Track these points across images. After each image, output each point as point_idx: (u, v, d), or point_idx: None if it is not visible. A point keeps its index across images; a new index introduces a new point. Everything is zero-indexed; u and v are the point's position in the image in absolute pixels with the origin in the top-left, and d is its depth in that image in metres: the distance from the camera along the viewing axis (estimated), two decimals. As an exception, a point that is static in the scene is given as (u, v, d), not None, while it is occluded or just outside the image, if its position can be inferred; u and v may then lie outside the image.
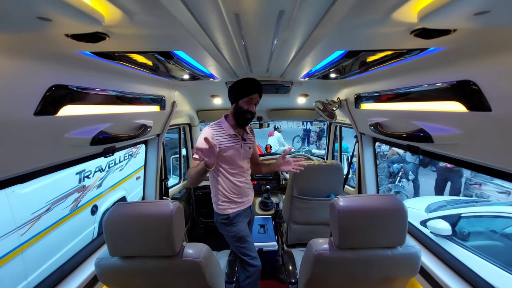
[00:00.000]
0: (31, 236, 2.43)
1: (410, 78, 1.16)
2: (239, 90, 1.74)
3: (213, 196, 1.88)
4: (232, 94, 1.78)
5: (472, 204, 3.66)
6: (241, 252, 1.90)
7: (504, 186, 5.05)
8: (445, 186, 5.75)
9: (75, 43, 0.72)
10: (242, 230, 1.89)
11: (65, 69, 0.92)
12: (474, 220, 3.06)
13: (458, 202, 3.80)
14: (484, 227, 3.00)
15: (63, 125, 0.98)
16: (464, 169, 6.20)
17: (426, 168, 6.96)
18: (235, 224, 1.86)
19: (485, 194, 5.36)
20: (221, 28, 0.79)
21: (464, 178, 5.70)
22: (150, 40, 0.80)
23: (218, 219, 1.88)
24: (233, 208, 1.85)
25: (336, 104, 2.17)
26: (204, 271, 1.11)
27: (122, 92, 1.31)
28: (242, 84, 1.72)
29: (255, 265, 1.90)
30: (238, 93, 1.74)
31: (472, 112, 0.86)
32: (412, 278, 1.27)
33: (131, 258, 1.12)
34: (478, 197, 5.39)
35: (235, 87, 1.75)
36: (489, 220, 3.02)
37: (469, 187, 5.76)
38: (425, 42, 0.77)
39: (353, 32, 0.75)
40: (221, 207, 1.84)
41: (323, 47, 0.92)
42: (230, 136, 1.76)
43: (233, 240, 1.90)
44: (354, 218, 1.13)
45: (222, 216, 1.85)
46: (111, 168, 3.71)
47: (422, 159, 6.04)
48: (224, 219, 1.85)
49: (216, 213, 1.89)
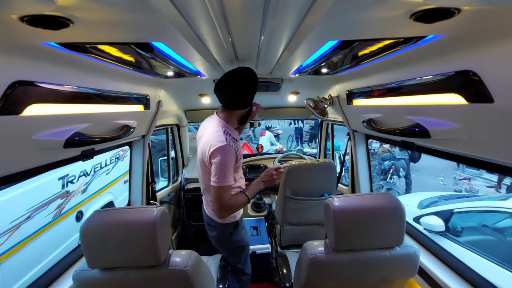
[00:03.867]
0: (10, 247, 2.29)
1: (404, 71, 1.12)
2: (255, 89, 1.48)
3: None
4: (252, 94, 1.49)
5: (463, 199, 3.70)
6: (241, 261, 1.77)
7: (493, 181, 5.16)
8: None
9: (35, 32, 0.63)
10: (246, 236, 1.78)
11: (30, 64, 0.82)
12: (466, 215, 3.09)
13: (450, 197, 3.83)
14: (476, 222, 3.02)
15: (30, 126, 0.88)
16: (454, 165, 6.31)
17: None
18: (241, 229, 1.72)
19: (474, 189, 5.46)
20: (203, 16, 0.72)
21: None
22: (123, 29, 0.72)
23: (226, 231, 1.64)
24: (239, 212, 1.69)
25: (328, 101, 2.12)
26: (192, 280, 1.04)
27: (101, 90, 1.21)
28: (256, 80, 1.44)
29: (249, 273, 1.84)
30: (254, 93, 1.50)
31: (472, 104, 0.81)
32: (410, 278, 1.22)
33: (113, 269, 1.04)
34: (468, 192, 5.49)
35: (255, 86, 1.46)
36: (481, 215, 3.04)
37: (459, 182, 5.87)
38: (424, 29, 0.72)
39: (347, 18, 0.69)
40: (231, 216, 1.59)
41: (315, 37, 0.86)
42: (238, 143, 1.53)
43: (238, 250, 1.74)
44: (350, 218, 1.08)
45: (231, 225, 1.63)
46: (96, 172, 3.57)
47: (411, 154, 6.10)
48: (233, 228, 1.65)
49: (219, 226, 1.63)
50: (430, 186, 6.39)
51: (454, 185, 6.18)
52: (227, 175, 1.36)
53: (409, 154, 6.08)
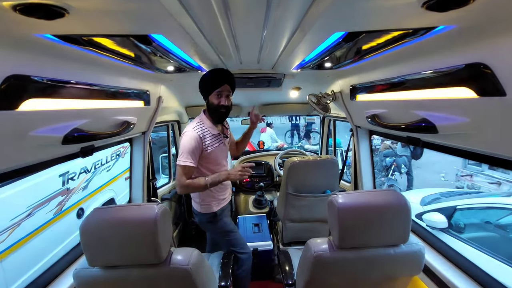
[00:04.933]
0: (11, 244, 2.28)
1: (411, 64, 1.08)
2: (206, 84, 1.63)
3: (195, 197, 1.81)
4: (201, 90, 1.68)
5: (466, 195, 3.68)
6: (231, 244, 1.88)
7: (494, 177, 5.12)
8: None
9: (29, 22, 0.60)
10: (229, 223, 1.89)
11: (26, 57, 0.79)
12: (468, 212, 3.07)
13: (452, 194, 3.81)
14: (479, 218, 3.00)
15: (26, 122, 0.86)
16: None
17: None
18: (221, 219, 1.84)
19: (476, 186, 5.43)
20: (204, 6, 0.69)
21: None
22: (120, 20, 0.69)
23: (203, 219, 1.83)
24: (218, 205, 1.82)
25: (330, 97, 2.09)
26: (194, 279, 1.03)
27: (100, 85, 1.18)
28: (207, 77, 1.61)
29: (247, 251, 1.91)
30: (206, 88, 1.64)
31: (483, 98, 0.78)
32: (415, 276, 1.21)
33: (113, 267, 1.02)
34: (470, 189, 5.46)
35: (201, 82, 1.65)
36: (484, 211, 3.03)
37: (460, 178, 5.83)
38: (434, 19, 0.69)
39: (355, 7, 0.65)
40: (206, 206, 1.79)
41: (320, 28, 0.83)
42: (214, 136, 1.69)
43: (221, 236, 1.89)
44: (355, 216, 1.06)
45: (208, 215, 1.80)
46: (97, 169, 3.55)
47: (413, 151, 6.07)
48: (210, 217, 1.81)
49: (199, 214, 1.83)
50: (431, 182, 6.37)
51: (456, 181, 6.16)
52: (184, 155, 1.54)
53: (411, 150, 6.05)
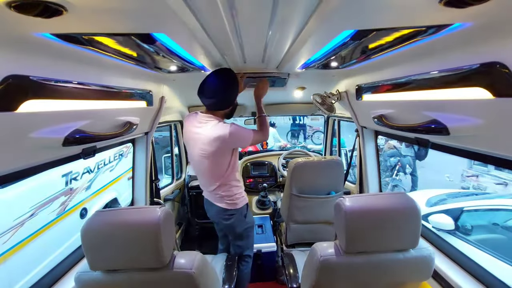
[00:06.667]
0: (14, 245, 2.28)
1: (421, 63, 1.05)
2: (238, 86, 1.65)
3: (230, 195, 1.74)
4: (232, 94, 1.65)
5: (473, 196, 3.62)
6: (249, 245, 1.92)
7: (501, 178, 5.04)
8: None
9: (26, 20, 0.57)
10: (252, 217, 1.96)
11: (25, 57, 0.77)
12: (475, 213, 3.01)
13: (459, 195, 3.75)
14: (486, 220, 2.95)
15: (26, 123, 0.84)
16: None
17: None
18: (249, 210, 1.90)
19: (482, 186, 5.36)
20: (208, 4, 0.66)
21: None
22: (121, 18, 0.66)
23: (241, 214, 1.79)
24: (246, 198, 1.87)
25: (336, 97, 2.06)
26: (198, 283, 1.01)
27: (102, 86, 1.16)
28: (234, 78, 1.60)
29: (251, 255, 1.97)
30: (237, 89, 1.66)
31: (500, 99, 0.74)
32: (423, 281, 1.18)
33: (115, 271, 1.00)
34: (476, 189, 5.39)
35: (234, 85, 1.61)
36: (491, 213, 2.97)
37: (466, 179, 5.76)
38: (451, 16, 0.65)
39: (366, 4, 0.62)
40: (242, 198, 1.80)
41: (329, 26, 0.79)
42: None
43: (248, 231, 1.89)
44: (363, 220, 1.02)
45: (244, 207, 1.82)
46: (100, 169, 3.55)
47: (418, 152, 6.00)
48: (245, 209, 1.83)
49: (237, 212, 1.76)
50: (436, 183, 6.29)
51: (461, 181, 6.08)
52: (247, 131, 1.64)
53: (415, 151, 5.99)
